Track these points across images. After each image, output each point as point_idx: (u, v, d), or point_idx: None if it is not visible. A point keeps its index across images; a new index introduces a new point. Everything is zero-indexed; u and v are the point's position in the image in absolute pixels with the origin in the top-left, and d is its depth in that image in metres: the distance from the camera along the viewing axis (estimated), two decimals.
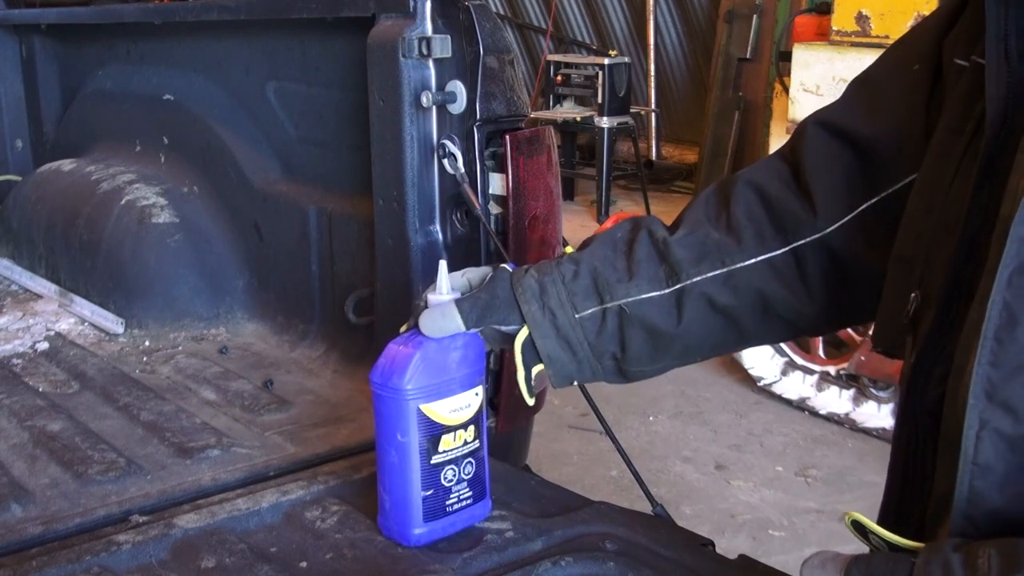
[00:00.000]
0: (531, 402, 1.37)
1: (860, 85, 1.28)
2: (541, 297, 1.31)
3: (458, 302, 1.35)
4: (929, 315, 1.04)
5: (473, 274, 1.43)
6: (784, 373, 4.52)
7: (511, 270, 1.35)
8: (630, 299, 1.30)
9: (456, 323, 1.34)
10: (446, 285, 1.41)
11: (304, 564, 1.38)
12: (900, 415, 1.08)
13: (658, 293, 1.30)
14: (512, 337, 1.34)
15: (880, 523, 1.04)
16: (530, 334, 1.32)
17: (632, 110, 7.94)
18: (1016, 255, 0.88)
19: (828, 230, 1.24)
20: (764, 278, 1.28)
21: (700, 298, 1.28)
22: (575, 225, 7.28)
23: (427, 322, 1.36)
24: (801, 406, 4.42)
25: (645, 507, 1.49)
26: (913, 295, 1.08)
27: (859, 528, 1.00)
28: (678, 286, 1.29)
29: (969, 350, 0.92)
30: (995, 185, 0.97)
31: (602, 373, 1.37)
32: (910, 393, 1.05)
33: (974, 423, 0.91)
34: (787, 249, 1.26)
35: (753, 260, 1.27)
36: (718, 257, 1.28)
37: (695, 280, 1.28)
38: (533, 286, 1.33)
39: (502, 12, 10.41)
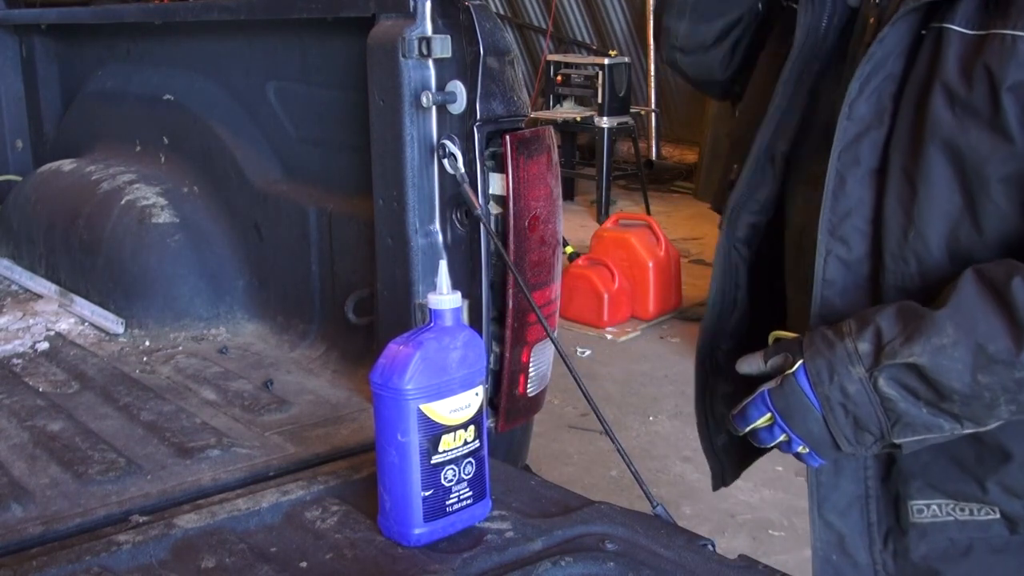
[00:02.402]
0: None
1: None
2: None
3: None
4: (741, 178, 1.54)
5: None
6: None
7: None
8: None
9: None
10: (446, 285, 1.42)
11: (304, 564, 1.38)
12: (720, 245, 1.58)
13: None
14: None
15: (704, 323, 1.64)
16: None
17: (632, 110, 7.94)
18: (842, 139, 1.33)
19: None
20: None
21: None
22: (575, 225, 7.28)
23: None
24: None
25: (645, 507, 1.49)
26: (735, 166, 1.57)
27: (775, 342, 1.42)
28: None
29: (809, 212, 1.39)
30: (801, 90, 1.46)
31: None
32: (728, 230, 1.57)
33: (823, 251, 1.36)
34: None
35: None
36: None
37: None
38: None
39: (502, 12, 10.40)
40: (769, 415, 1.36)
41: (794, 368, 1.32)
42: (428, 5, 1.77)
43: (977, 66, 1.21)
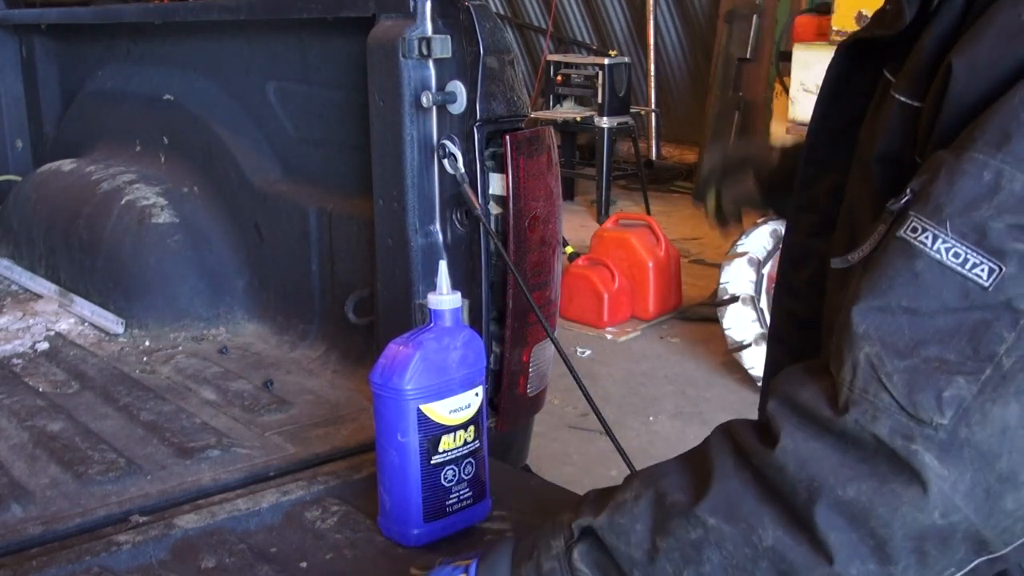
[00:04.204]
0: None
1: None
2: None
3: None
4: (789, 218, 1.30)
5: None
6: None
7: None
8: None
9: None
10: (446, 285, 1.42)
11: (304, 564, 1.38)
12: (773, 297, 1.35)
13: None
14: None
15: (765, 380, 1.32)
16: None
17: (632, 110, 7.93)
18: (801, 180, 1.19)
19: None
20: None
21: None
22: (575, 225, 7.28)
23: None
24: None
25: None
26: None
27: None
28: None
29: None
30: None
31: None
32: (780, 279, 1.31)
33: (777, 304, 1.24)
34: None
35: None
36: None
37: None
38: None
39: (502, 12, 10.40)
40: (466, 561, 1.10)
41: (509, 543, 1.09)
42: (428, 5, 1.77)
43: (874, 122, 1.02)
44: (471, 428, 1.42)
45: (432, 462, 1.39)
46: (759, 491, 0.87)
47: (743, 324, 4.58)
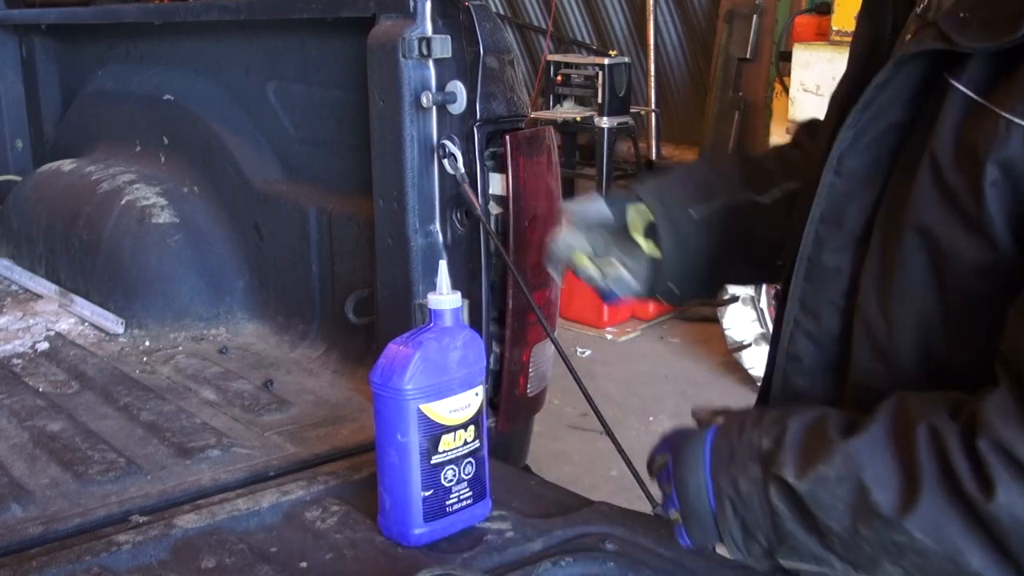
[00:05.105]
0: None
1: None
2: None
3: None
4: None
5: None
6: None
7: None
8: None
9: None
10: (446, 285, 1.42)
11: (304, 564, 1.38)
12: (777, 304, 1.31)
13: None
14: None
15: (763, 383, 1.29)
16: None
17: (632, 110, 7.93)
18: (826, 197, 1.12)
19: None
20: None
21: None
22: None
23: None
24: None
25: (645, 507, 1.49)
26: None
27: None
28: None
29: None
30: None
31: None
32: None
33: (790, 321, 1.16)
34: None
35: None
36: None
37: None
38: None
39: (502, 12, 10.39)
40: (666, 457, 1.15)
41: (706, 431, 1.11)
42: (428, 5, 1.77)
43: (967, 143, 0.97)
44: (471, 428, 1.42)
45: (432, 462, 1.39)
46: (968, 520, 0.89)
47: (743, 324, 4.58)
